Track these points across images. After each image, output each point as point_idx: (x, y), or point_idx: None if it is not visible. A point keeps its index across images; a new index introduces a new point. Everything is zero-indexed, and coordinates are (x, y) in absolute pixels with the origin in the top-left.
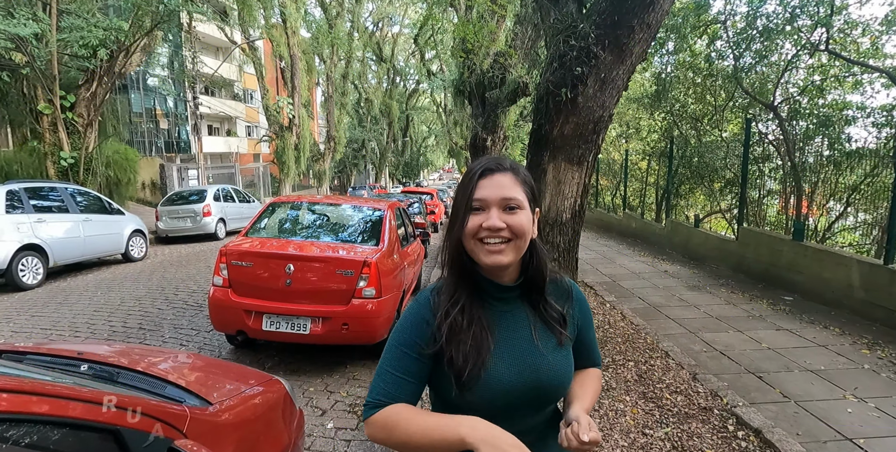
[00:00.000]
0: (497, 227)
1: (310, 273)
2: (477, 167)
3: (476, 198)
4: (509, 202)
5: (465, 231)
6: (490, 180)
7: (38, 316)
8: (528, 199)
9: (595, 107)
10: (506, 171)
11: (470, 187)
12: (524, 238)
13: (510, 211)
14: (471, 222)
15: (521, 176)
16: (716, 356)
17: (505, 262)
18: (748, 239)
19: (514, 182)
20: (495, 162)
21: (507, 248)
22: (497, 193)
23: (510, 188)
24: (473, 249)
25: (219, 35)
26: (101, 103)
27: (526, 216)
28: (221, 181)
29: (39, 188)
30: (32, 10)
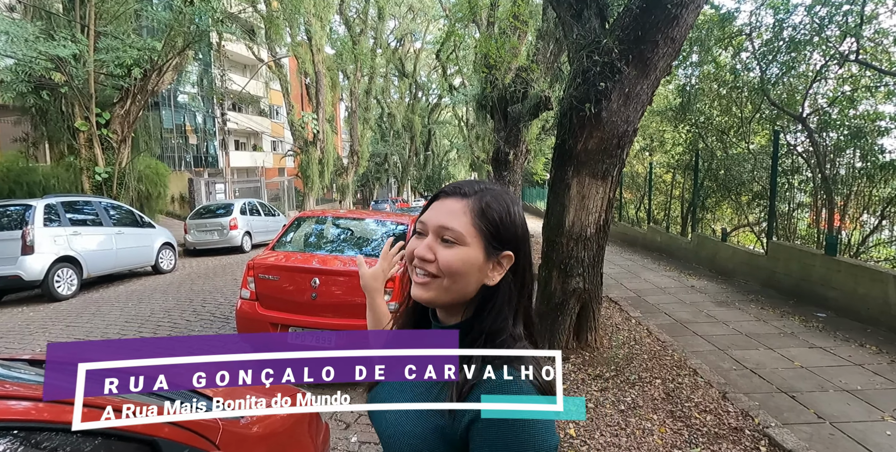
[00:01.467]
0: (421, 256)
1: (335, 287)
2: (439, 191)
3: (419, 220)
4: (444, 232)
5: (405, 255)
6: (441, 204)
7: (73, 326)
8: (479, 234)
9: (619, 122)
10: (462, 197)
11: (425, 207)
12: (454, 279)
13: (444, 243)
14: (410, 244)
15: (477, 206)
16: (746, 375)
17: (423, 298)
18: (778, 253)
19: (463, 212)
20: (458, 185)
21: (431, 283)
22: (437, 218)
23: (454, 217)
24: (410, 275)
25: (246, 53)
26: (135, 120)
27: (465, 255)
28: (247, 195)
29: (75, 202)
30: (71, 32)
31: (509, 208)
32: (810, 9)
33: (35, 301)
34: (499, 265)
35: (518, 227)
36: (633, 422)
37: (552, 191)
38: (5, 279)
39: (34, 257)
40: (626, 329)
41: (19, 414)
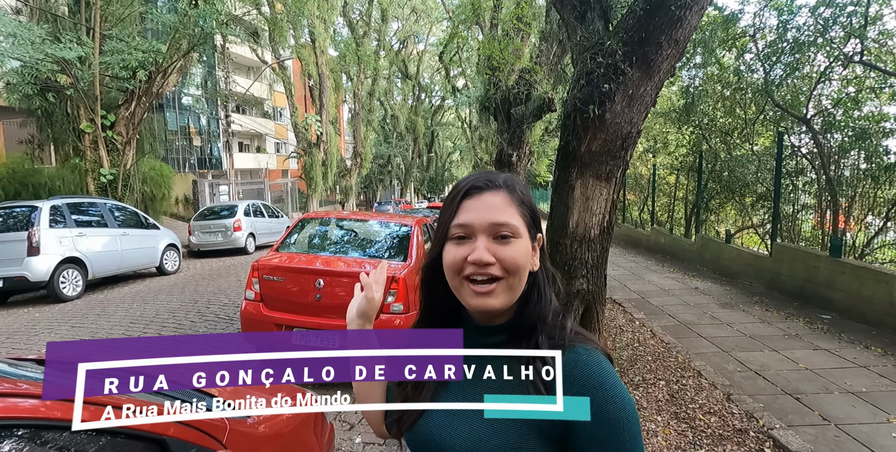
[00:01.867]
0: (484, 261)
1: (339, 288)
2: (464, 183)
3: (458, 224)
4: (500, 229)
5: (445, 265)
6: (477, 201)
7: (78, 327)
8: (525, 224)
9: (623, 123)
10: (497, 188)
11: (451, 208)
12: (519, 275)
13: (502, 241)
14: (451, 253)
15: (517, 195)
16: (751, 377)
17: (495, 306)
18: (783, 255)
19: (509, 203)
20: (486, 178)
21: (497, 288)
22: (485, 217)
23: (502, 211)
24: (457, 288)
25: (250, 55)
26: (140, 122)
27: (522, 247)
28: (251, 197)
29: (80, 204)
30: (77, 34)
31: (529, 191)
32: (814, 10)
33: (40, 302)
34: (535, 249)
35: None
36: None
37: (556, 192)
38: (11, 280)
39: (40, 259)
40: (630, 331)
41: (27, 412)
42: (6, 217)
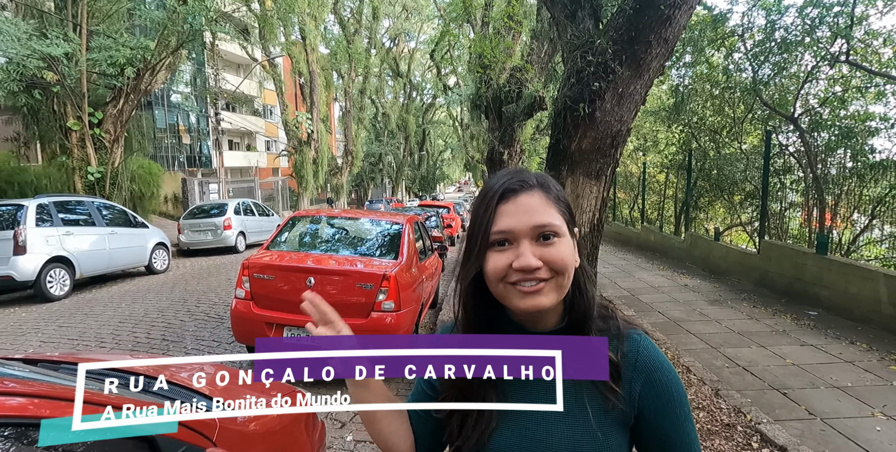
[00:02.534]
0: (532, 266)
1: (330, 286)
2: (496, 187)
3: (498, 230)
4: (544, 230)
5: (487, 274)
6: (514, 205)
7: (65, 327)
8: (566, 221)
9: (613, 121)
10: (533, 189)
11: (488, 214)
12: (567, 274)
13: (546, 242)
14: (494, 261)
15: (553, 193)
16: (739, 372)
17: (546, 304)
18: (770, 253)
19: (546, 202)
20: (518, 178)
21: (546, 287)
22: (526, 221)
23: (543, 212)
24: (503, 294)
25: (240, 53)
26: (128, 120)
27: (567, 245)
28: (241, 195)
29: (68, 202)
30: (63, 30)
31: (562, 186)
32: (801, 10)
33: (27, 302)
34: (574, 245)
35: None
36: None
37: None
38: None
39: (26, 258)
40: None
41: (14, 411)
42: None
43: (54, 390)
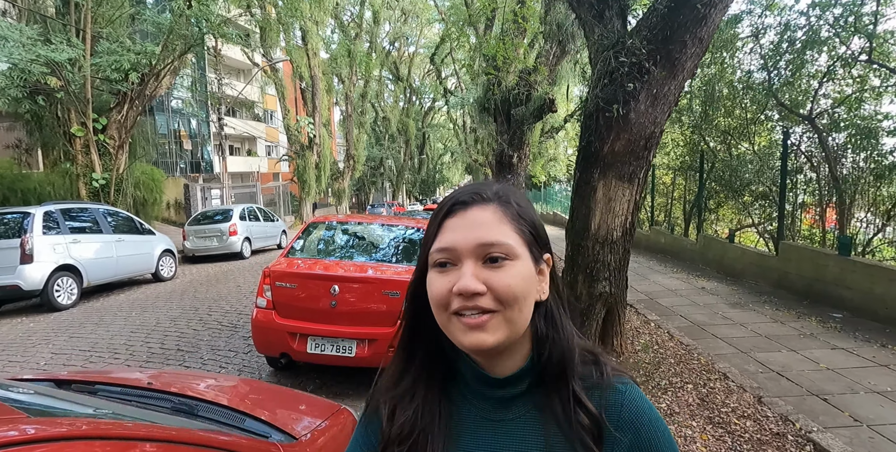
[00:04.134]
0: (470, 290)
1: (355, 294)
2: (447, 201)
3: (440, 247)
4: (490, 250)
5: (431, 299)
6: (461, 219)
7: (76, 337)
8: (525, 242)
9: (647, 123)
10: (486, 202)
11: (432, 230)
12: (518, 306)
13: (493, 264)
14: (435, 284)
15: (511, 208)
16: (773, 378)
17: (489, 342)
18: (789, 254)
19: (500, 218)
20: (472, 190)
21: (492, 320)
22: (470, 236)
23: (491, 228)
24: (446, 325)
25: (240, 58)
26: (132, 126)
27: (519, 270)
28: (243, 200)
29: (74, 209)
30: (67, 36)
31: (531, 203)
32: (823, 9)
33: (34, 311)
34: (542, 273)
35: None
36: (672, 429)
37: (577, 194)
38: (4, 289)
39: (33, 266)
40: (647, 333)
41: None
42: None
43: (124, 429)
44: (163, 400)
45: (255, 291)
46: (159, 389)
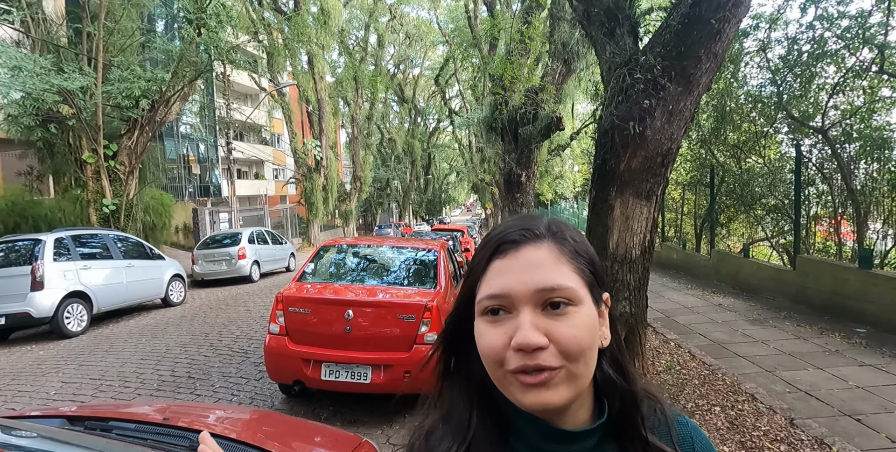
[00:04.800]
0: (532, 344)
1: (370, 319)
2: (493, 237)
3: (491, 294)
4: (551, 295)
5: (482, 354)
6: (513, 260)
7: (86, 365)
8: (586, 283)
9: (663, 139)
10: (539, 239)
11: (478, 273)
12: (584, 359)
13: (555, 312)
14: (488, 337)
15: (568, 245)
16: (802, 398)
17: (556, 402)
18: (807, 268)
19: (557, 257)
20: (521, 226)
21: (555, 378)
22: (528, 281)
23: (549, 270)
24: (502, 383)
25: (248, 83)
26: (143, 151)
27: (585, 318)
28: (251, 223)
29: (84, 235)
30: (79, 64)
31: (584, 236)
32: (831, 21)
33: (44, 339)
34: (603, 315)
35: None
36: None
37: (593, 212)
38: (13, 317)
39: (44, 294)
40: (667, 353)
41: None
42: (8, 251)
43: None
44: (180, 438)
45: (266, 315)
46: (176, 425)
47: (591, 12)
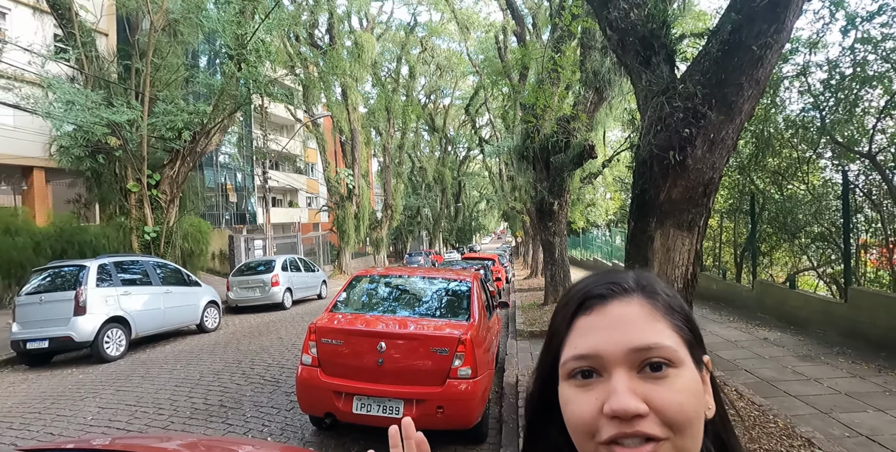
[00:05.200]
0: (629, 411)
1: (402, 352)
2: (575, 293)
3: (578, 354)
4: (650, 356)
5: (567, 422)
6: (602, 317)
7: (123, 391)
8: (685, 341)
9: (705, 169)
10: (629, 294)
11: (561, 331)
12: (691, 431)
13: (654, 374)
14: (576, 403)
15: (661, 299)
16: (864, 443)
17: None
18: (860, 301)
19: (650, 313)
20: (606, 280)
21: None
22: (619, 339)
23: (643, 327)
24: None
25: (284, 114)
26: (184, 181)
27: (688, 382)
28: (284, 250)
29: (126, 262)
30: (127, 99)
31: (675, 290)
32: (875, 44)
33: (84, 362)
34: (705, 381)
35: None
36: None
37: (632, 243)
38: (57, 341)
39: (86, 318)
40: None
41: None
42: (55, 276)
43: None
44: None
45: (297, 343)
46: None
47: (626, 41)
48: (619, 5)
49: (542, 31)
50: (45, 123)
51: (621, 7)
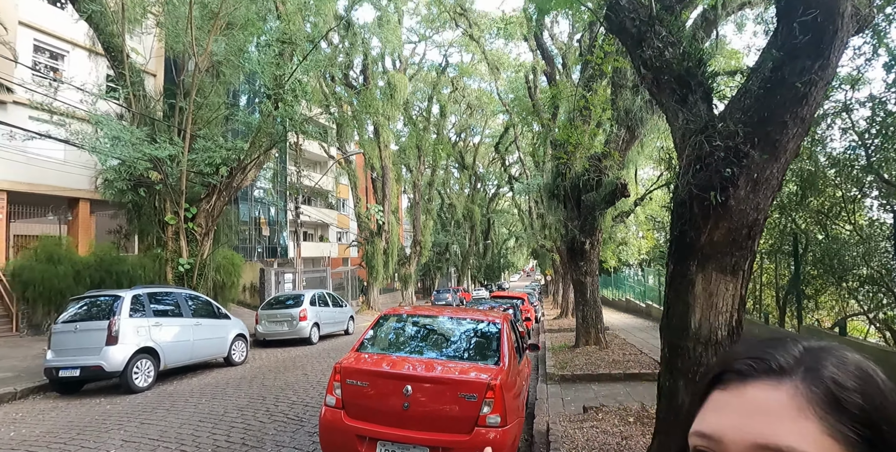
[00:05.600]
0: None
1: (429, 396)
2: (718, 362)
3: (700, 430)
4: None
5: None
6: (735, 397)
7: (147, 423)
8: (844, 448)
9: (748, 210)
10: (778, 376)
11: (696, 399)
12: None
13: None
14: None
15: (822, 388)
16: None
17: None
18: None
19: (801, 407)
20: (755, 352)
21: None
22: (745, 430)
23: (783, 423)
24: None
25: (318, 151)
26: (219, 215)
27: None
28: (313, 284)
29: (160, 293)
30: (170, 135)
31: (880, 381)
32: None
33: (112, 392)
34: None
35: None
36: None
37: (671, 287)
38: (88, 370)
39: (117, 348)
40: None
41: None
42: (91, 306)
43: None
44: None
45: (322, 380)
46: None
47: (661, 79)
48: (653, 44)
49: (571, 70)
50: (92, 157)
51: (655, 46)
